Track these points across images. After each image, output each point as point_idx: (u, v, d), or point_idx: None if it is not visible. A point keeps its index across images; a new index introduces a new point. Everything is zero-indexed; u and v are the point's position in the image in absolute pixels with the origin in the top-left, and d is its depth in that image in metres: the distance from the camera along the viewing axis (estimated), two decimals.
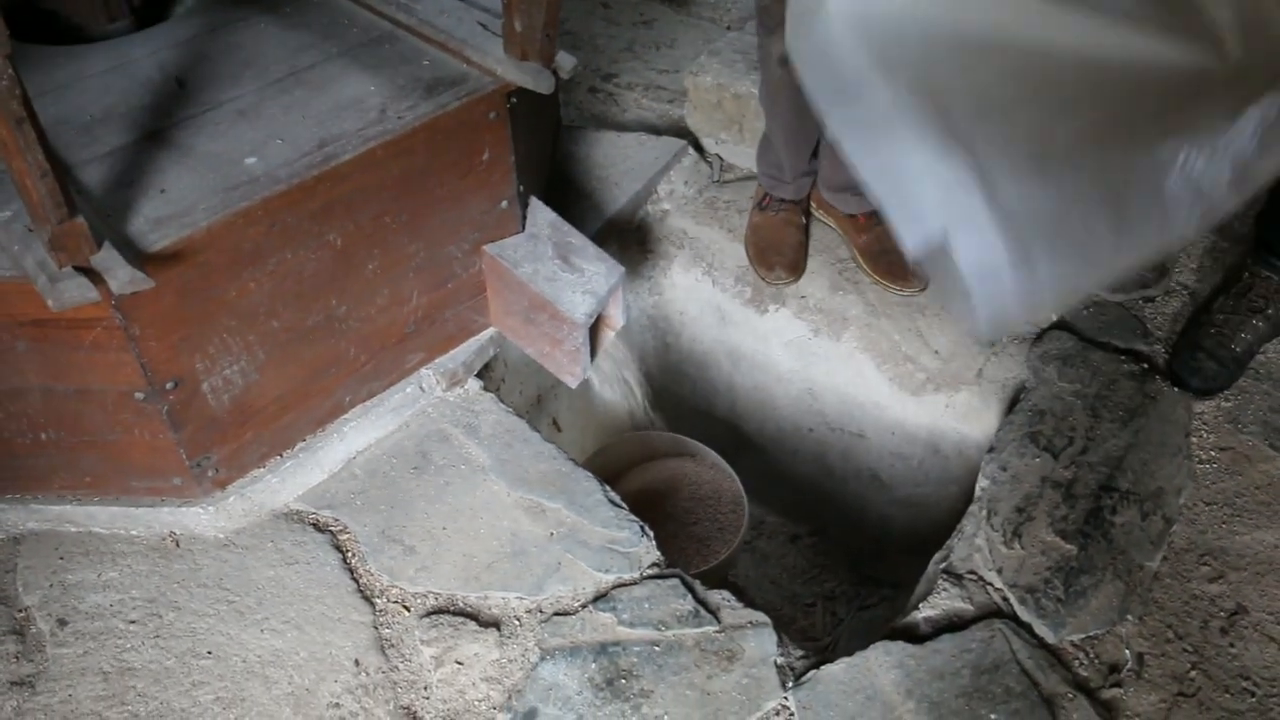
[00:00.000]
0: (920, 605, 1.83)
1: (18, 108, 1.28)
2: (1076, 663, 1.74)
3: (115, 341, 1.63)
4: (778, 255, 2.47)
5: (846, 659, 1.73)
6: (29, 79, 1.30)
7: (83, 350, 1.64)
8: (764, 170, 2.49)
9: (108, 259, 1.48)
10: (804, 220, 2.52)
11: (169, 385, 1.71)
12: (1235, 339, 2.15)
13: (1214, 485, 1.99)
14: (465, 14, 1.95)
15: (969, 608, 1.81)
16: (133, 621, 1.78)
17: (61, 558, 1.87)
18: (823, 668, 1.72)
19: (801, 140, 2.39)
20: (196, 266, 1.63)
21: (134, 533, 1.90)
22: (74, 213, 1.42)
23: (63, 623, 1.79)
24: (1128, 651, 1.76)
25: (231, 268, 1.68)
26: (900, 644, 1.75)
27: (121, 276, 1.47)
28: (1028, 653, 1.73)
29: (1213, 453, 2.04)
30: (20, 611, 1.80)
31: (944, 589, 1.84)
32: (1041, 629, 1.77)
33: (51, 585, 1.84)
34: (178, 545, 1.89)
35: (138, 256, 1.53)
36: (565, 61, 1.87)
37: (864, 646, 1.76)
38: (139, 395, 1.71)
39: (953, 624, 1.79)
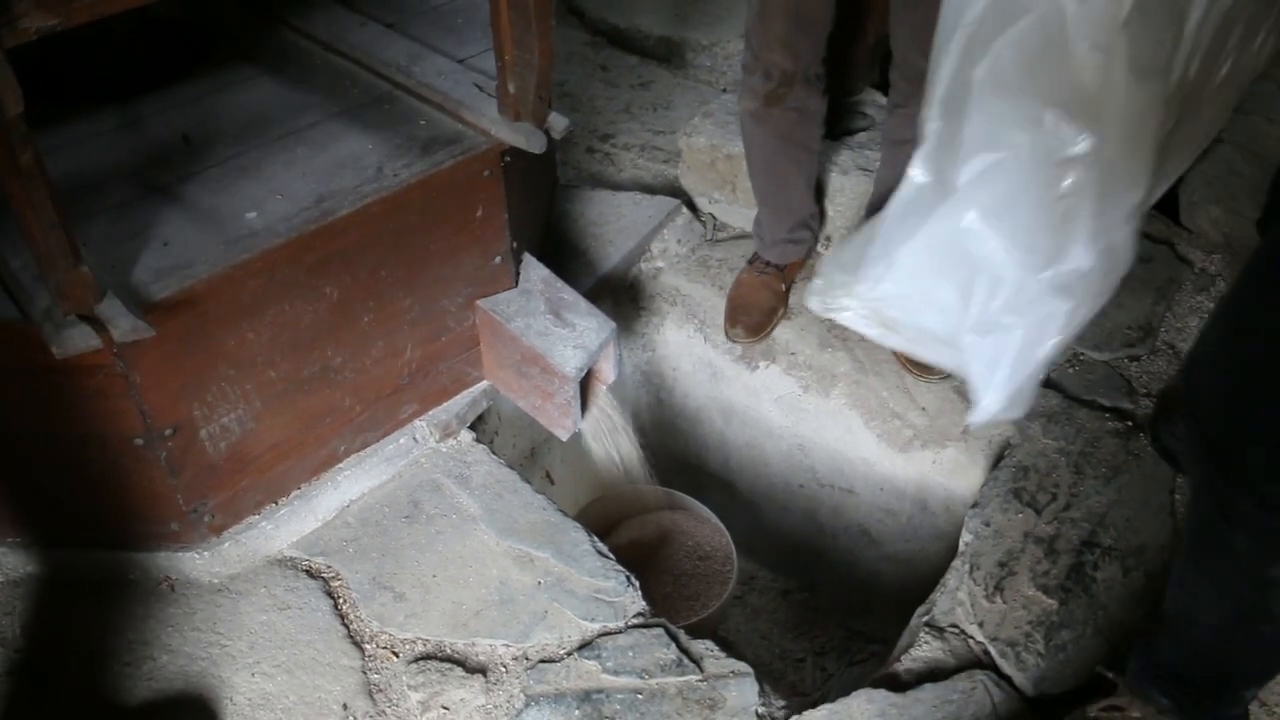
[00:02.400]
0: (902, 656, 1.86)
1: (29, 163, 1.33)
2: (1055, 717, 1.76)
3: (116, 388, 1.68)
4: (745, 315, 2.53)
5: (828, 705, 1.76)
6: (43, 134, 1.36)
7: (85, 396, 1.68)
8: (754, 228, 2.55)
9: (111, 308, 1.54)
10: (783, 288, 2.57)
11: (167, 432, 1.76)
12: None
13: None
14: (462, 76, 2.02)
15: (950, 660, 1.83)
16: (127, 664, 1.81)
17: (61, 600, 1.91)
18: (805, 713, 1.74)
19: (779, 204, 2.44)
20: (197, 316, 1.68)
21: (130, 577, 1.94)
22: (79, 263, 1.47)
23: (59, 664, 1.81)
24: None
25: (230, 318, 1.73)
26: (883, 692, 1.78)
27: (124, 325, 1.52)
28: (1007, 707, 1.75)
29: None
30: (18, 653, 1.83)
31: (926, 641, 1.86)
32: (1021, 682, 1.79)
33: (50, 627, 1.87)
34: (173, 590, 1.92)
35: (140, 306, 1.58)
36: (558, 122, 1.93)
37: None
38: (138, 441, 1.75)
39: (935, 674, 1.81)
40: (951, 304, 1.37)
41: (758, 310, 2.52)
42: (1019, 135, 1.23)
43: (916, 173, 1.37)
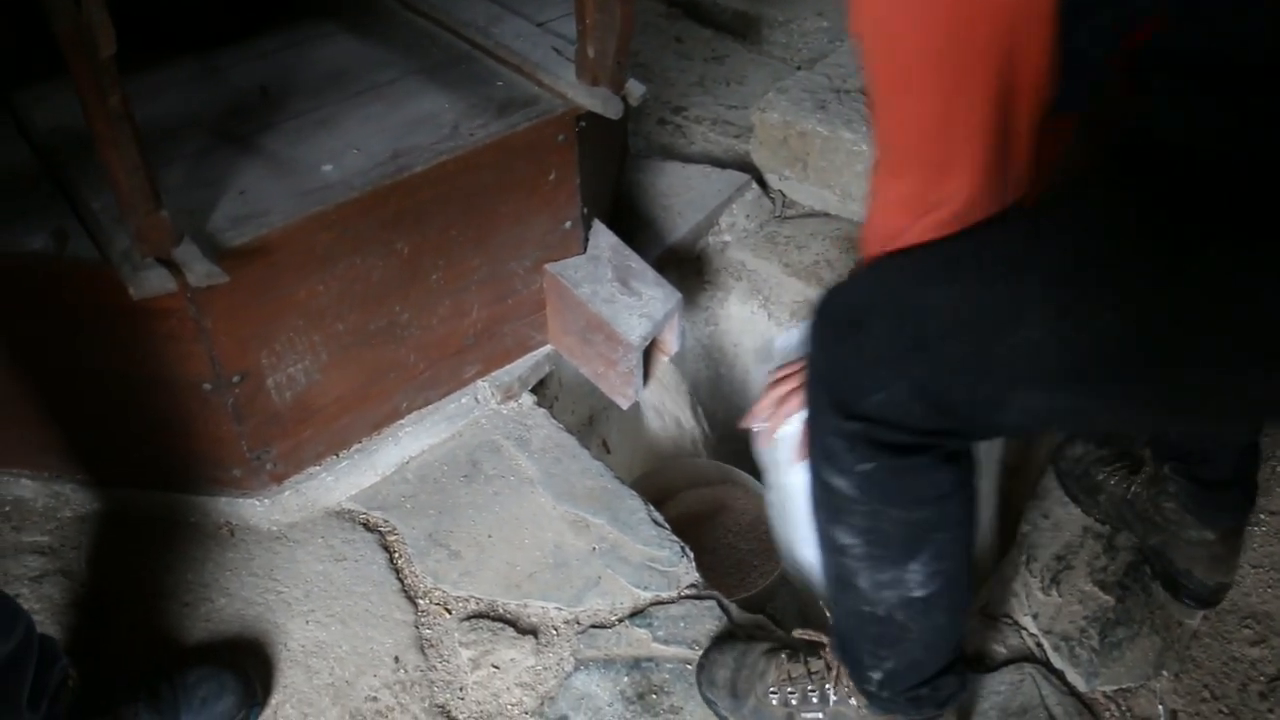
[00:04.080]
0: None
1: (116, 104, 1.35)
2: (1107, 714, 1.74)
3: (188, 332, 1.70)
4: None
5: None
6: (124, 79, 1.37)
7: (157, 339, 1.71)
8: None
9: (187, 253, 1.55)
10: None
11: (235, 379, 1.78)
12: None
13: (1261, 549, 1.98)
14: (540, 39, 2.02)
15: (1001, 650, 1.81)
16: (186, 604, 1.84)
17: (124, 538, 1.94)
18: None
19: None
20: (269, 265, 1.70)
21: (191, 519, 1.97)
22: (159, 207, 1.49)
23: (119, 600, 1.85)
24: (1161, 707, 1.76)
25: (302, 269, 1.74)
26: None
27: (199, 270, 1.54)
28: (1057, 699, 1.73)
29: (1261, 515, 2.03)
30: (82, 586, 1.87)
31: (976, 629, 1.85)
32: (1074, 677, 1.77)
33: (112, 564, 1.91)
34: (232, 534, 1.95)
35: (215, 252, 1.60)
36: (635, 89, 1.92)
37: None
38: (206, 386, 1.77)
39: (983, 662, 1.80)
40: None
41: None
42: None
43: None
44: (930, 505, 1.34)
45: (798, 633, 1.71)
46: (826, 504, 1.41)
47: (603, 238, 2.15)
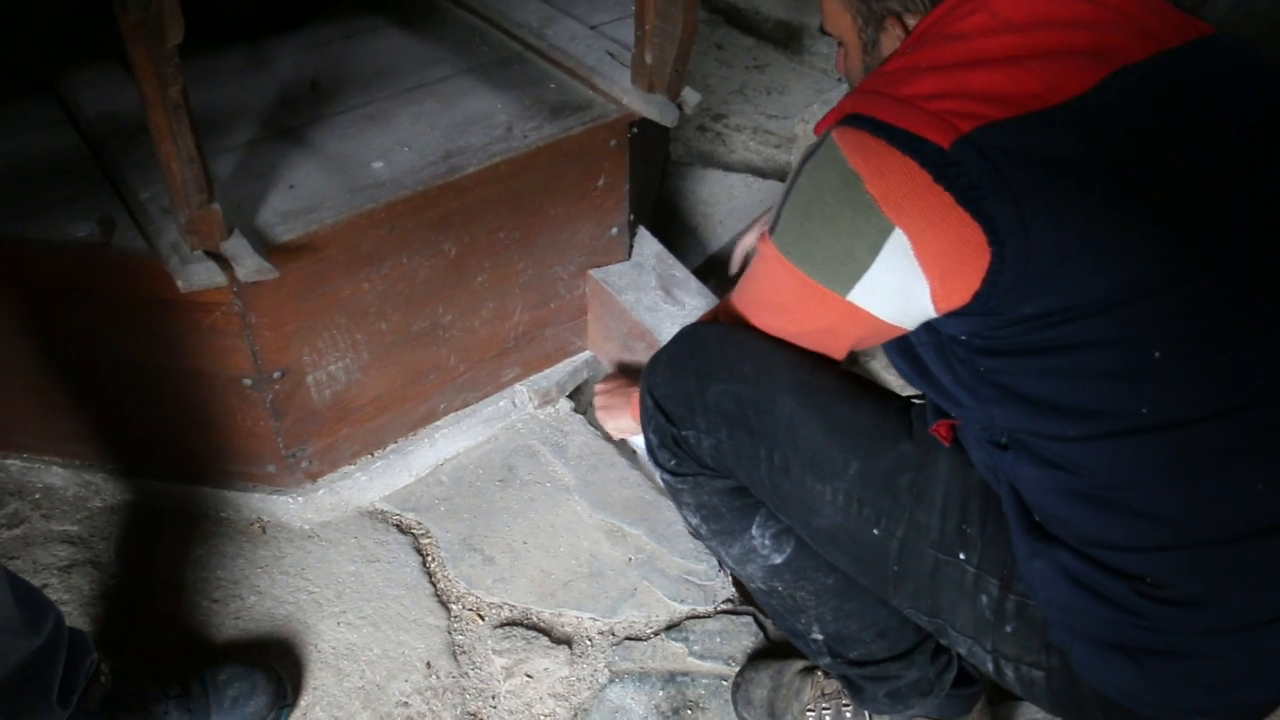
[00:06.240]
0: None
1: (176, 95, 1.33)
2: None
3: (232, 327, 1.68)
4: None
5: None
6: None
7: (200, 333, 1.69)
8: None
9: (237, 246, 1.53)
10: None
11: (276, 375, 1.76)
12: None
13: None
14: (595, 42, 1.99)
15: None
16: (215, 600, 1.82)
17: (154, 531, 1.92)
18: None
19: None
20: (317, 262, 1.68)
21: (223, 515, 1.95)
22: (212, 199, 1.47)
23: (149, 593, 1.83)
24: None
25: (349, 266, 1.72)
26: None
27: (249, 265, 1.52)
28: None
29: None
30: (112, 578, 1.85)
31: None
32: None
33: (142, 556, 1.89)
34: (264, 531, 1.93)
35: (264, 247, 1.58)
36: (691, 97, 1.90)
37: None
38: (247, 381, 1.75)
39: None
40: None
41: None
42: None
43: None
44: None
45: None
46: (669, 492, 1.53)
47: (647, 245, 2.13)
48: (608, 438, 2.08)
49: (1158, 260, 1.01)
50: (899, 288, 1.09)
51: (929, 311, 1.10)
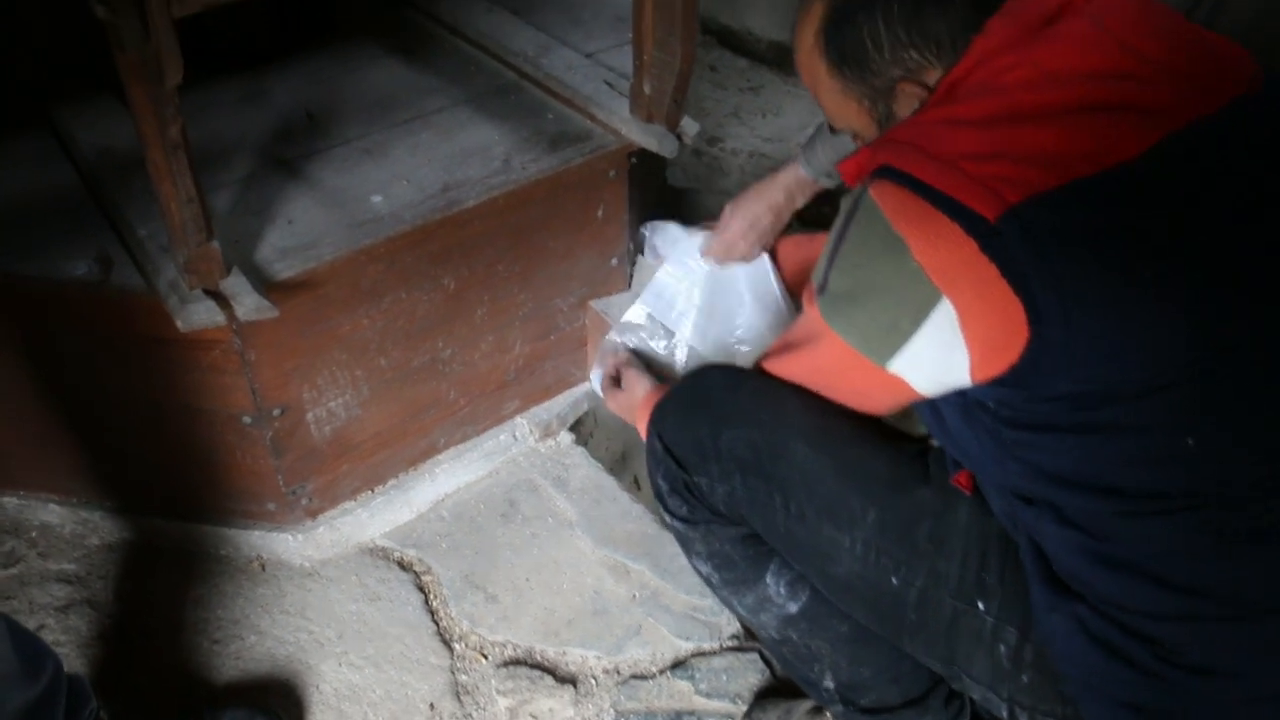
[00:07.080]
0: None
1: (175, 135, 1.31)
2: None
3: (231, 365, 1.65)
4: None
5: None
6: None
7: (199, 371, 1.67)
8: None
9: (236, 285, 1.51)
10: None
11: (276, 412, 1.73)
12: None
13: None
14: (591, 71, 1.98)
15: None
16: (215, 641, 1.80)
17: (153, 570, 1.90)
18: None
19: None
20: (316, 299, 1.66)
21: (223, 553, 1.92)
22: (211, 237, 1.45)
23: (147, 633, 1.80)
24: None
25: (348, 302, 1.70)
26: None
27: (248, 303, 1.50)
28: None
29: None
30: (109, 618, 1.82)
31: None
32: None
33: (140, 595, 1.86)
34: (264, 569, 1.91)
35: (263, 284, 1.56)
36: (689, 127, 1.88)
37: None
38: (246, 419, 1.73)
39: None
40: None
41: None
42: None
43: None
44: None
45: None
46: (678, 540, 1.52)
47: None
48: (607, 470, 2.07)
49: (1199, 346, 1.00)
50: (940, 358, 1.08)
51: (965, 382, 1.08)
